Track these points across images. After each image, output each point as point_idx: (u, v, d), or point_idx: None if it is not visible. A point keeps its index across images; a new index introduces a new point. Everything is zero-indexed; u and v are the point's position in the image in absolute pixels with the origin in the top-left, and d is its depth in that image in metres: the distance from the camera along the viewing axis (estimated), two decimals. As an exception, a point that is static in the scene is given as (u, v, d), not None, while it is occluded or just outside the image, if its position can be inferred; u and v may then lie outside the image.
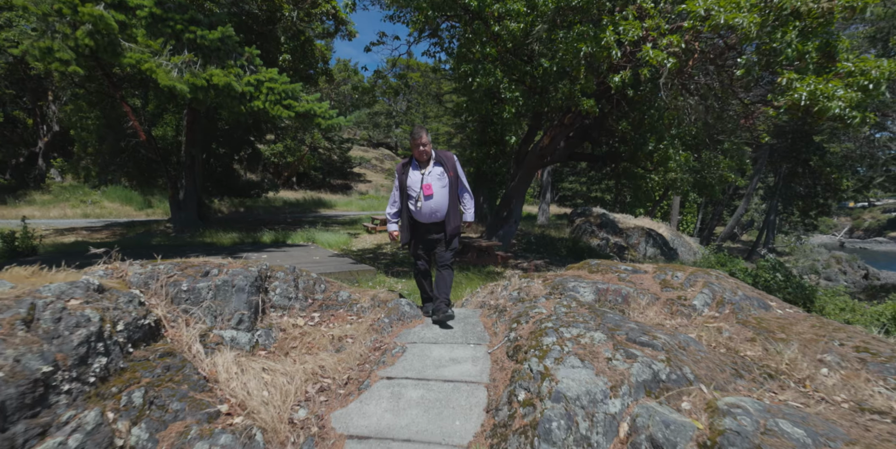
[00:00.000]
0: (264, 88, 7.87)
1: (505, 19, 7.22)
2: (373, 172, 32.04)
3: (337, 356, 3.01)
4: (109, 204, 19.64)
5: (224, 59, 7.58)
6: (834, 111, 4.56)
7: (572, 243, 12.23)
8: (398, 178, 3.71)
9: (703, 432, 2.10)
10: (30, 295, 2.01)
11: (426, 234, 3.74)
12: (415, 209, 3.62)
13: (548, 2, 6.73)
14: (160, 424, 2.04)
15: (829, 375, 2.82)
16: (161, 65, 7.00)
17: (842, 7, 4.18)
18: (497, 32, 7.21)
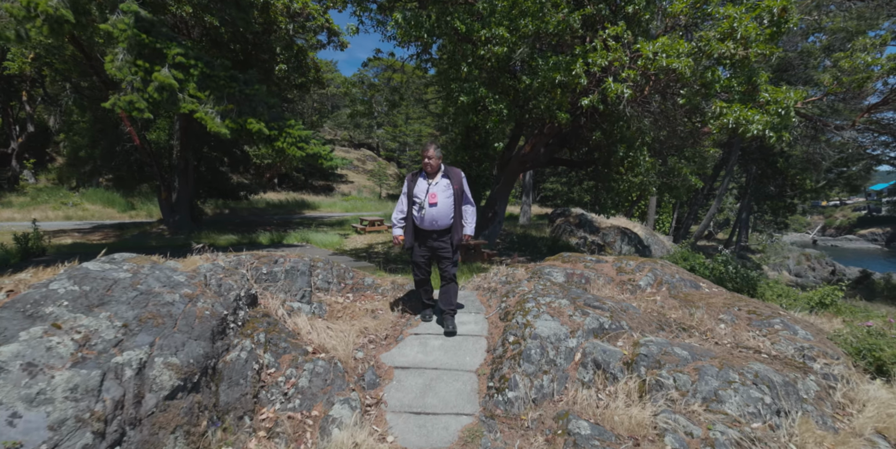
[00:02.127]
0: (284, 133, 9.66)
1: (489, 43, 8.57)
2: (355, 173, 33.10)
3: (375, 321, 4.29)
4: (91, 206, 20.21)
5: (255, 107, 9.26)
6: (753, 132, 6.05)
7: (552, 242, 13.69)
8: (406, 186, 4.09)
9: (626, 355, 3.48)
10: (194, 271, 3.23)
11: (427, 241, 4.08)
12: (418, 216, 3.97)
13: (528, 25, 8.12)
14: (277, 354, 3.28)
15: (723, 327, 4.24)
16: (208, 112, 8.49)
17: (756, 54, 5.66)
18: (483, 55, 8.54)
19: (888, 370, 4.08)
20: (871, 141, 18.79)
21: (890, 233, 53.02)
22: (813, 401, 3.30)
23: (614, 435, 2.90)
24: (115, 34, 7.62)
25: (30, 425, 1.90)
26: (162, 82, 7.86)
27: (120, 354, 2.31)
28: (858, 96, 14.68)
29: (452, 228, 4.05)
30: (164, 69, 8.08)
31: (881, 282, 20.43)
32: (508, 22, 8.16)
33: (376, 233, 14.58)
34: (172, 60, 8.31)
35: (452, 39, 8.31)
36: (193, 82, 8.59)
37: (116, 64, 7.90)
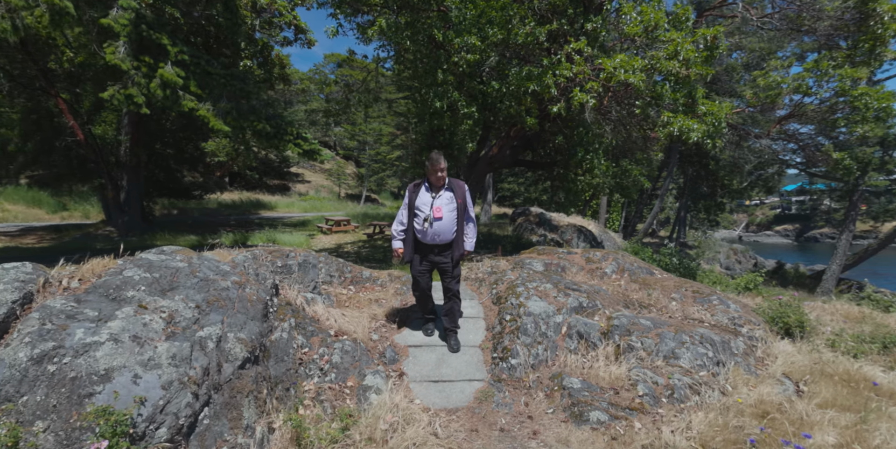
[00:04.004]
0: (282, 131, 9.81)
1: (462, 51, 9.21)
2: (311, 172, 32.67)
3: (382, 309, 4.79)
4: (12, 206, 18.82)
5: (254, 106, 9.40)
6: (694, 139, 7.10)
7: (516, 240, 14.57)
8: (408, 197, 3.96)
9: (603, 327, 4.22)
10: (233, 262, 3.60)
11: (428, 255, 3.99)
12: (421, 229, 3.87)
13: (496, 34, 8.84)
14: (307, 336, 3.72)
15: (674, 304, 5.13)
16: (209, 110, 8.50)
17: (695, 73, 6.69)
18: (456, 61, 9.17)
19: (793, 332, 5.16)
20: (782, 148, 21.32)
21: (799, 229, 59.45)
22: (741, 355, 4.19)
23: (599, 387, 3.61)
24: (117, 29, 7.54)
25: (148, 384, 2.30)
26: (167, 79, 7.85)
27: (201, 330, 2.71)
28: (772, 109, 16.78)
29: (454, 243, 3.97)
30: (168, 66, 8.05)
31: (791, 271, 23.53)
32: (477, 30, 8.83)
33: (343, 233, 14.81)
34: (175, 58, 8.30)
35: (428, 46, 8.86)
36: (194, 80, 8.58)
37: (119, 56, 7.83)
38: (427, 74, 9.22)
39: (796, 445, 2.71)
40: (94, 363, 2.23)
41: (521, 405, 3.56)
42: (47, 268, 2.92)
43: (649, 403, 3.44)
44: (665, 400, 3.49)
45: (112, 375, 2.23)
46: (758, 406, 3.39)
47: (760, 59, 18.17)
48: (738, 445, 2.95)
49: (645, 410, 3.38)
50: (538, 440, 3.14)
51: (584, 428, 3.24)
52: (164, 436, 2.27)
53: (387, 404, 3.16)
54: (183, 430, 2.36)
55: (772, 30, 11.73)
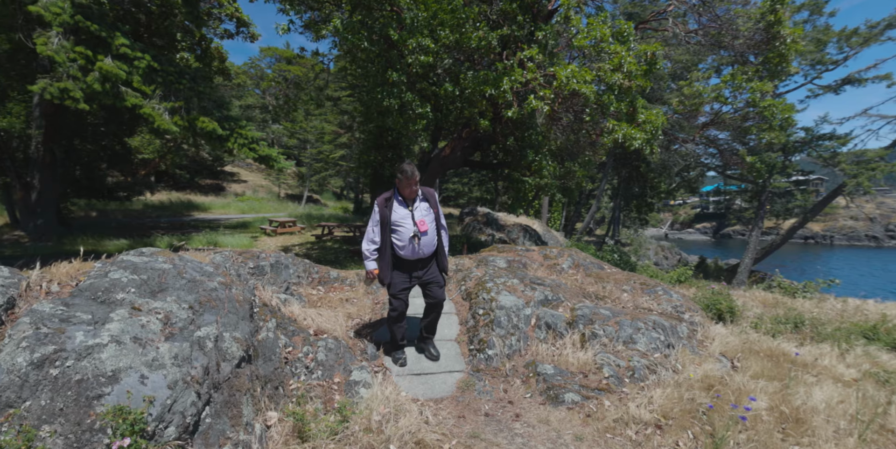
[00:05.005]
0: (236, 134, 9.33)
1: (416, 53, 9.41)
2: (248, 171, 31.16)
3: (355, 308, 4.90)
4: None
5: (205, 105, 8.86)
6: (636, 145, 7.81)
7: (466, 239, 14.97)
8: (380, 213, 3.68)
9: (568, 317, 4.62)
10: (211, 263, 3.58)
11: (412, 270, 3.79)
12: (407, 245, 3.67)
13: (448, 36, 9.13)
14: (289, 336, 3.78)
15: (626, 295, 5.67)
16: (155, 108, 7.88)
17: (636, 85, 7.39)
18: (410, 62, 9.35)
19: (724, 317, 5.92)
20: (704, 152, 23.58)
21: (716, 226, 65.58)
22: (686, 338, 4.76)
23: (569, 372, 3.99)
24: (48, 18, 6.87)
25: (155, 384, 2.32)
26: (106, 72, 7.24)
27: (198, 330, 2.74)
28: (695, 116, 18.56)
29: (437, 253, 3.89)
30: (107, 59, 7.43)
31: (712, 264, 26.15)
32: (429, 32, 9.06)
33: (289, 234, 14.45)
34: (116, 50, 7.67)
35: (382, 46, 8.98)
36: (139, 75, 7.98)
37: (52, 47, 7.14)
38: (380, 74, 9.33)
39: (745, 406, 3.21)
40: (101, 365, 2.23)
41: (500, 392, 3.84)
42: (24, 272, 2.79)
43: (615, 384, 3.86)
44: (628, 380, 3.92)
45: (119, 376, 2.24)
46: (704, 380, 3.91)
47: (685, 69, 19.98)
48: (692, 413, 3.42)
49: (612, 390, 3.79)
50: (521, 422, 3.44)
51: (560, 408, 3.58)
52: (173, 434, 2.31)
53: (378, 397, 3.32)
54: (189, 428, 2.41)
55: (695, 44, 13.01)
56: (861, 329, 6.16)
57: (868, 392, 4.02)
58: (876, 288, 25.59)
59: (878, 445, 3.17)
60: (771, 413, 3.48)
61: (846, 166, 20.11)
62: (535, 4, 9.52)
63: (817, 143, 21.96)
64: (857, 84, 21.57)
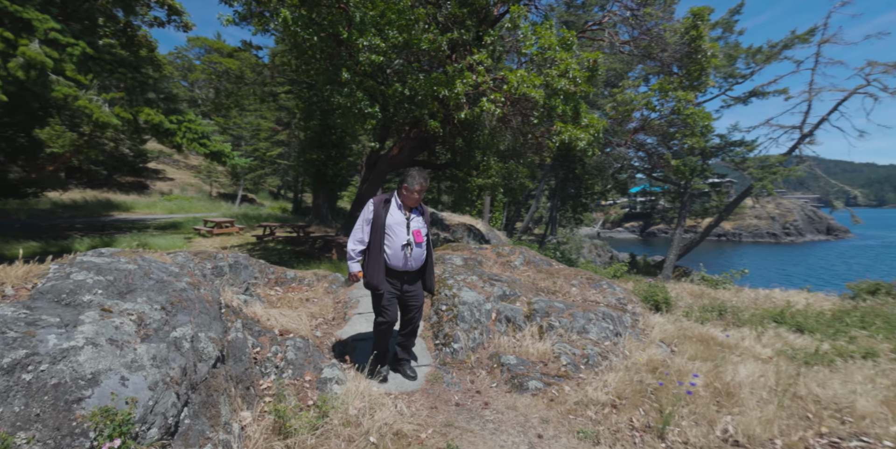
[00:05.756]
0: (184, 127, 8.71)
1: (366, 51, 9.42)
2: (175, 169, 29.00)
3: (316, 307, 4.90)
4: None
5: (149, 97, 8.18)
6: (580, 146, 8.36)
7: (412, 238, 15.10)
8: (373, 213, 3.51)
9: (526, 311, 4.92)
10: (175, 263, 3.47)
11: (399, 282, 3.63)
12: (400, 254, 3.51)
13: (397, 36, 9.24)
14: (255, 336, 3.75)
15: (575, 290, 6.10)
16: (92, 100, 7.11)
17: (580, 90, 7.93)
18: (361, 61, 9.35)
19: (660, 307, 6.51)
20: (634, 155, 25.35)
21: (643, 225, 70.45)
22: (631, 327, 5.23)
23: (530, 361, 4.27)
24: None
25: (136, 386, 2.29)
26: (31, 59, 6.46)
27: (174, 330, 2.69)
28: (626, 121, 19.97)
29: (426, 270, 3.74)
30: (34, 44, 6.64)
31: (641, 261, 28.18)
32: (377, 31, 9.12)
33: (226, 235, 13.80)
34: (45, 36, 6.87)
35: (331, 43, 8.91)
36: (72, 63, 7.21)
37: None
38: (331, 72, 9.25)
39: (691, 382, 3.63)
40: (79, 368, 2.16)
41: (468, 383, 4.05)
42: (-28, 273, 2.59)
43: (572, 370, 4.19)
44: (584, 366, 4.27)
45: (99, 379, 2.19)
46: (649, 364, 4.35)
47: (617, 77, 21.39)
48: (642, 393, 3.81)
49: (570, 376, 4.12)
50: (490, 409, 3.66)
51: (525, 395, 3.84)
52: (156, 436, 2.28)
53: (353, 392, 3.40)
54: (171, 429, 2.39)
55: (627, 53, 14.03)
56: (771, 314, 7.04)
57: (781, 367, 4.65)
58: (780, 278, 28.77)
59: (791, 409, 3.71)
60: (706, 389, 3.95)
61: (753, 170, 22.45)
62: (482, 10, 9.86)
63: (730, 148, 24.35)
64: (762, 96, 24.17)
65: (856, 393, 3.98)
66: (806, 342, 5.70)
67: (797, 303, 8.16)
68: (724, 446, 3.29)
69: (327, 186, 15.74)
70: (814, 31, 21.80)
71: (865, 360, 5.13)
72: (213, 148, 9.66)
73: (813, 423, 3.60)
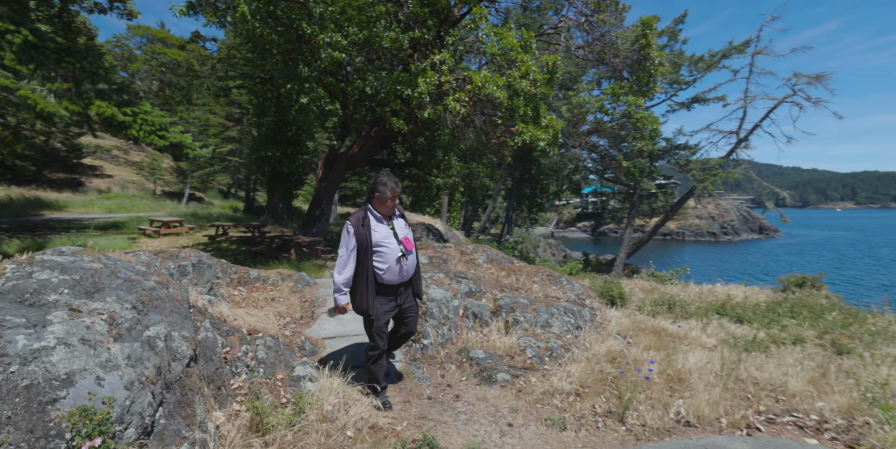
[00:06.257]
0: (139, 119, 8.20)
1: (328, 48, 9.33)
2: (114, 165, 27.08)
3: (283, 307, 4.87)
4: None
5: (100, 87, 7.60)
6: (540, 146, 8.68)
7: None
8: (355, 235, 3.27)
9: (492, 307, 5.10)
10: (137, 259, 3.37)
11: (395, 296, 3.44)
12: (394, 268, 3.33)
13: (358, 34, 9.23)
14: (223, 336, 3.71)
15: (537, 286, 6.36)
16: (36, 90, 6.50)
17: (540, 92, 8.24)
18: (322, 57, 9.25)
19: (616, 302, 6.89)
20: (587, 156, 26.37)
21: (594, 225, 73.18)
22: (590, 320, 5.53)
23: (498, 355, 4.45)
24: None
25: (112, 386, 2.26)
26: None
27: (147, 330, 2.65)
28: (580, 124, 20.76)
29: (416, 275, 3.60)
30: None
31: (593, 259, 29.33)
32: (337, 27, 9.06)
33: (175, 235, 13.19)
34: None
35: (290, 39, 8.77)
36: (11, 52, 6.60)
37: None
38: (291, 67, 9.10)
39: (649, 368, 3.93)
40: (52, 368, 2.11)
41: (439, 377, 4.17)
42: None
43: (537, 363, 4.40)
44: (548, 358, 4.50)
45: (74, 379, 2.14)
46: (608, 355, 4.63)
47: (572, 80, 22.17)
48: (603, 381, 4.07)
49: (535, 368, 4.33)
50: (462, 401, 3.80)
51: (494, 387, 4.01)
52: (133, 436, 2.26)
53: (327, 389, 3.44)
54: (148, 429, 2.37)
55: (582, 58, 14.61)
56: (714, 307, 7.60)
57: (724, 354, 5.07)
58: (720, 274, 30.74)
59: (734, 391, 4.09)
60: (660, 376, 4.27)
61: (696, 172, 23.91)
62: (444, 10, 10.00)
63: (675, 151, 25.82)
64: (703, 102, 25.79)
65: (787, 375, 4.43)
66: (745, 331, 6.23)
67: (736, 296, 8.85)
68: (678, 427, 3.59)
69: (283, 185, 15.38)
70: (748, 43, 23.51)
71: (795, 345, 5.68)
72: (173, 139, 9.22)
73: (752, 402, 3.98)
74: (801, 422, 3.72)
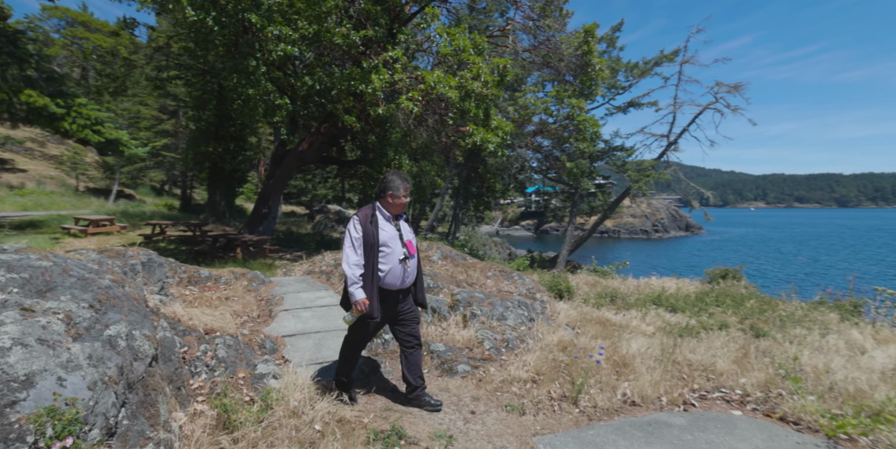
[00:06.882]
0: (73, 112, 7.44)
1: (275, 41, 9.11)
2: (28, 159, 24.37)
3: (239, 305, 4.77)
4: None
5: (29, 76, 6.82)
6: (490, 148, 8.95)
7: (320, 237, 14.74)
8: (363, 230, 3.15)
9: (449, 302, 5.25)
10: (93, 260, 3.20)
11: (394, 302, 3.34)
12: (397, 271, 3.23)
13: (307, 27, 9.09)
14: (180, 335, 3.61)
15: (490, 281, 6.59)
16: None
17: (491, 94, 8.51)
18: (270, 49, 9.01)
19: (563, 295, 7.27)
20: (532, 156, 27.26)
21: (537, 224, 75.64)
22: (541, 313, 5.83)
23: (457, 348, 4.61)
24: None
25: (75, 386, 2.18)
26: None
27: (107, 329, 2.56)
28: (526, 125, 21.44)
29: (417, 281, 3.51)
30: None
31: (537, 256, 30.41)
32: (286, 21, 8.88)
33: (104, 235, 12.27)
34: None
35: (236, 30, 8.49)
36: None
37: None
38: (236, 59, 8.79)
39: (599, 353, 4.22)
40: (10, 370, 2.02)
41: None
42: None
43: (495, 354, 4.60)
44: (504, 349, 4.71)
45: (35, 380, 2.06)
46: (560, 344, 4.92)
47: (518, 82, 22.80)
48: (557, 368, 4.33)
49: (493, 359, 4.53)
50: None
51: (456, 378, 4.16)
52: (97, 437, 2.20)
53: (292, 385, 3.45)
54: (112, 430, 2.31)
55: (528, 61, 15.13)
56: (651, 298, 8.19)
57: (662, 340, 5.53)
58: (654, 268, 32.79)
59: (672, 373, 4.49)
60: (608, 362, 4.60)
61: (631, 173, 25.36)
62: (395, 8, 10.04)
63: (612, 153, 27.24)
64: (638, 107, 27.36)
65: (716, 356, 4.91)
66: (679, 319, 6.78)
67: (669, 288, 9.56)
68: (625, 407, 3.91)
69: (225, 182, 14.74)
70: (677, 53, 25.23)
71: (721, 330, 6.27)
72: (109, 135, 8.55)
73: (688, 382, 4.39)
74: (728, 396, 4.16)
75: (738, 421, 3.69)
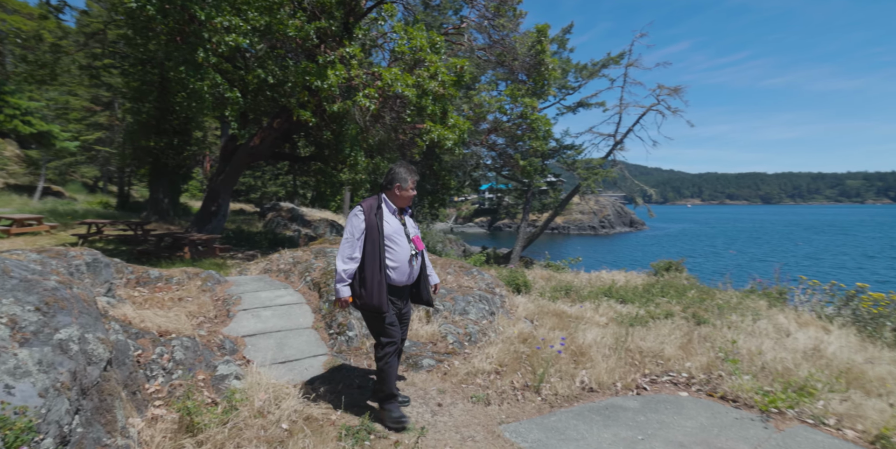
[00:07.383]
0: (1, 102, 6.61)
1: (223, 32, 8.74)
2: None
3: (195, 306, 4.58)
4: None
5: None
6: (448, 145, 9.02)
7: (272, 235, 14.28)
8: (367, 222, 3.01)
9: (413, 296, 5.27)
10: (35, 261, 2.97)
11: (399, 298, 3.23)
12: (404, 267, 3.11)
13: (258, 18, 8.80)
14: (133, 338, 3.45)
15: (451, 277, 6.67)
16: None
17: (448, 93, 8.57)
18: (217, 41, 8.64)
19: (521, 289, 7.48)
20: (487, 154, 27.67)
21: (490, 220, 76.84)
22: (501, 307, 5.98)
23: (422, 343, 4.65)
24: None
25: (25, 394, 2.06)
26: None
27: (57, 332, 2.41)
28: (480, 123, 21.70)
29: (421, 279, 3.36)
30: None
31: (492, 252, 30.94)
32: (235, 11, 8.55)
33: (31, 235, 11.32)
34: None
35: (182, 19, 8.08)
36: None
37: None
38: (183, 50, 8.36)
39: (561, 343, 4.39)
40: (-47, 379, 1.87)
41: (366, 367, 4.25)
42: None
43: (458, 347, 4.69)
44: (467, 343, 4.80)
45: (-20, 389, 1.92)
46: (520, 336, 5.07)
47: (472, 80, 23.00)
48: (519, 360, 4.47)
49: (457, 353, 4.61)
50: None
51: (421, 372, 4.21)
52: (51, 446, 2.09)
53: (255, 385, 3.37)
54: (66, 438, 2.19)
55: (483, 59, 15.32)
56: (602, 290, 8.56)
57: (615, 330, 5.82)
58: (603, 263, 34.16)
59: (625, 360, 4.74)
60: (566, 351, 4.79)
61: (581, 171, 26.26)
62: (351, 1, 9.89)
63: (563, 151, 28.10)
64: (587, 107, 28.34)
65: (663, 343, 5.23)
66: (629, 310, 7.14)
67: (619, 281, 10.03)
68: (584, 393, 4.10)
69: (168, 178, 13.95)
70: (623, 56, 26.34)
71: (667, 319, 6.66)
72: (40, 127, 7.81)
73: (639, 367, 4.66)
74: (676, 379, 4.45)
75: (685, 402, 3.97)
